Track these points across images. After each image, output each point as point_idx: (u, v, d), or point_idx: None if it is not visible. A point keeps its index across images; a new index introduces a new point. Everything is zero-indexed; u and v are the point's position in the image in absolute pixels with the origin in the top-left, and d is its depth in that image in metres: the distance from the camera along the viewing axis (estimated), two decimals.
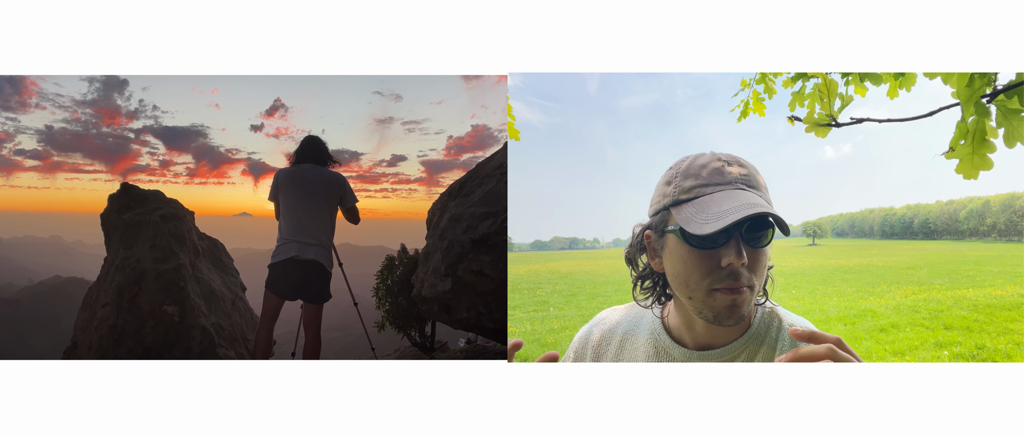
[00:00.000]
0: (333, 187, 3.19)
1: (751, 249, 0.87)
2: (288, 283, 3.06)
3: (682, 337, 1.02)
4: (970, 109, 1.04)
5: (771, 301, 1.01)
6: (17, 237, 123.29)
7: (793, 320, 1.00)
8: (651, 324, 1.07)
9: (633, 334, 1.08)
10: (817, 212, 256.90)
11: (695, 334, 0.99)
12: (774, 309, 1.00)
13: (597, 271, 23.30)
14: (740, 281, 0.87)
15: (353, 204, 3.28)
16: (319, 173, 3.21)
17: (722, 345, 0.98)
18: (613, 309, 1.17)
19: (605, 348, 1.10)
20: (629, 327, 1.10)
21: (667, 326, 1.04)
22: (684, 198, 0.91)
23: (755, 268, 0.88)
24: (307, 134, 3.39)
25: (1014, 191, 59.75)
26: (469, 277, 3.48)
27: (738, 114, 1.93)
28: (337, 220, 3.37)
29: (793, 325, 0.98)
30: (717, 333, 0.97)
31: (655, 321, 1.06)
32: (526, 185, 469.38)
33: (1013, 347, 6.01)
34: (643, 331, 1.07)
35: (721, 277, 0.87)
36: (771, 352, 0.97)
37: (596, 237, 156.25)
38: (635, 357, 1.06)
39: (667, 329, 1.04)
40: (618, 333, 1.10)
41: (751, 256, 0.87)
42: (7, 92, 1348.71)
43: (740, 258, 0.86)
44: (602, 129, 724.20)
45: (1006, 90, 1.01)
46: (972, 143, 1.06)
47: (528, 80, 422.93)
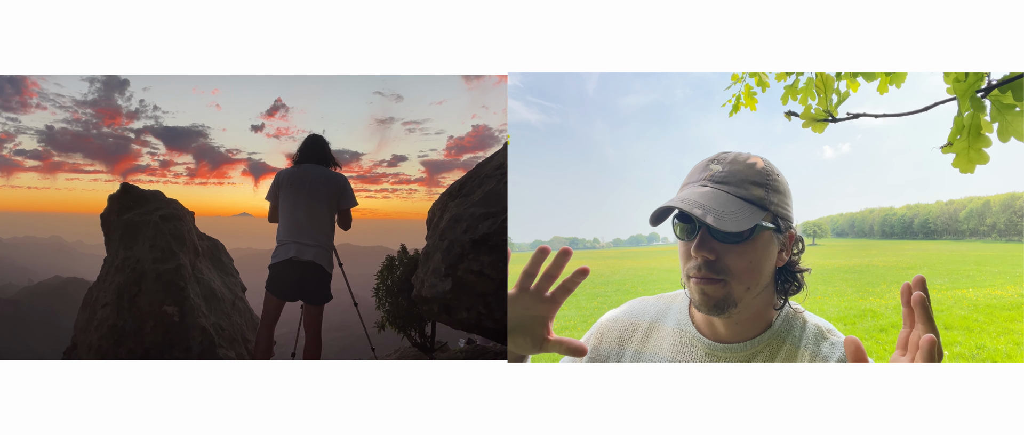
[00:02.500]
0: (333, 187, 3.15)
1: (723, 245, 0.92)
2: (287, 284, 3.05)
3: (704, 329, 1.05)
4: (966, 104, 1.04)
5: (796, 303, 1.03)
6: (17, 237, 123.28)
7: (818, 322, 1.02)
8: (678, 315, 1.10)
9: (660, 323, 1.12)
10: (817, 212, 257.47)
11: (715, 327, 1.02)
12: (800, 310, 1.03)
13: (597, 271, 23.29)
14: (709, 273, 0.92)
15: (350, 207, 3.23)
16: (321, 173, 3.17)
17: (742, 340, 1.00)
18: (643, 299, 1.21)
19: (630, 333, 1.14)
20: (657, 316, 1.14)
21: (693, 317, 1.08)
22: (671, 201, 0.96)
23: (732, 263, 0.92)
24: (309, 133, 3.36)
25: (1014, 191, 59.79)
26: (469, 277, 3.48)
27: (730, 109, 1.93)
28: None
29: (819, 326, 1.01)
30: (736, 328, 1.00)
31: (682, 312, 1.10)
32: (526, 185, 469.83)
33: (1013, 347, 6.01)
34: (670, 321, 1.11)
35: (694, 266, 0.93)
36: (793, 350, 0.98)
37: (596, 237, 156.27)
38: (660, 345, 1.09)
39: (693, 320, 1.07)
40: (646, 320, 1.14)
41: (723, 251, 0.91)
42: (8, 92, 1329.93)
43: (700, 250, 0.92)
44: (601, 129, 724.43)
45: (1000, 85, 1.02)
46: (967, 138, 1.07)
47: (527, 80, 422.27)
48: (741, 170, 0.95)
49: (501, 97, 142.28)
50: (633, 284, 16.32)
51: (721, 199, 0.92)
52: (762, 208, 0.93)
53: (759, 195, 0.94)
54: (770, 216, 0.94)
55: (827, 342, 0.98)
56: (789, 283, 0.99)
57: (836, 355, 0.96)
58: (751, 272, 0.93)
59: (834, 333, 1.00)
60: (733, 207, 0.91)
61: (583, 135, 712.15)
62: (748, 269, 0.92)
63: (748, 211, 0.91)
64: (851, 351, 0.77)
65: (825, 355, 0.97)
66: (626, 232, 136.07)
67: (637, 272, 21.14)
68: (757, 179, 0.95)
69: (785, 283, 0.99)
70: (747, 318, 0.98)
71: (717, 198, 0.92)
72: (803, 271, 1.00)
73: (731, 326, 1.00)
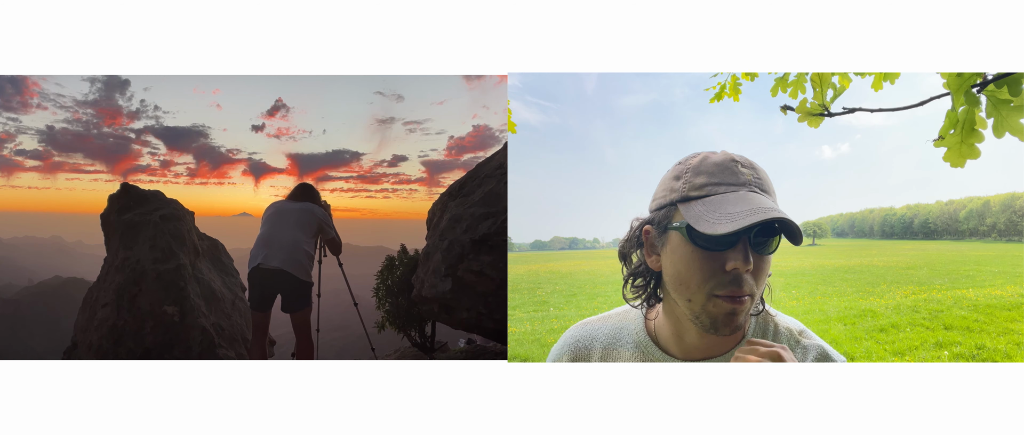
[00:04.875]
0: (308, 214, 3.40)
1: (756, 255, 0.84)
2: (260, 294, 3.20)
3: (670, 347, 0.96)
4: (960, 99, 1.04)
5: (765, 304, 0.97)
6: (17, 237, 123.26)
7: (788, 322, 0.98)
8: (634, 335, 1.00)
9: (615, 347, 1.01)
10: (817, 212, 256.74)
11: (685, 344, 0.94)
12: (769, 313, 0.98)
13: (597, 271, 23.28)
14: (743, 288, 0.83)
15: (331, 236, 3.54)
16: (300, 204, 3.45)
17: (716, 356, 0.93)
18: (582, 323, 1.07)
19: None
20: (609, 340, 1.02)
21: (653, 334, 0.98)
22: (694, 195, 0.87)
23: (758, 276, 0.85)
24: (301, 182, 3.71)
25: (1014, 191, 59.78)
26: (469, 277, 3.49)
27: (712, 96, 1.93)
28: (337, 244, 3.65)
29: (790, 328, 0.96)
30: (711, 343, 0.92)
31: (639, 331, 0.99)
32: (526, 185, 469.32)
33: (1013, 347, 6.01)
34: (626, 343, 1.00)
35: (723, 282, 0.83)
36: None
37: (596, 237, 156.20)
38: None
39: (654, 338, 0.98)
40: (597, 347, 1.02)
41: (756, 263, 0.84)
42: (8, 92, 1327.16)
43: (747, 264, 0.82)
44: (600, 129, 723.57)
45: (995, 80, 1.02)
46: (961, 133, 1.06)
47: (526, 80, 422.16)
48: (765, 177, 0.89)
49: (501, 97, 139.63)
50: None
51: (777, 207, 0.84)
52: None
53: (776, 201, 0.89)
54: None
55: (800, 346, 0.94)
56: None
57: (810, 356, 0.92)
58: (763, 283, 0.88)
59: (806, 334, 0.96)
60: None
61: (582, 135, 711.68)
62: (763, 280, 0.87)
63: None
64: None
65: (799, 358, 0.93)
66: (625, 232, 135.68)
67: None
68: (772, 186, 0.91)
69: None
70: None
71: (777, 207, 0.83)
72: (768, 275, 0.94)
73: (710, 340, 0.92)
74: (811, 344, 0.94)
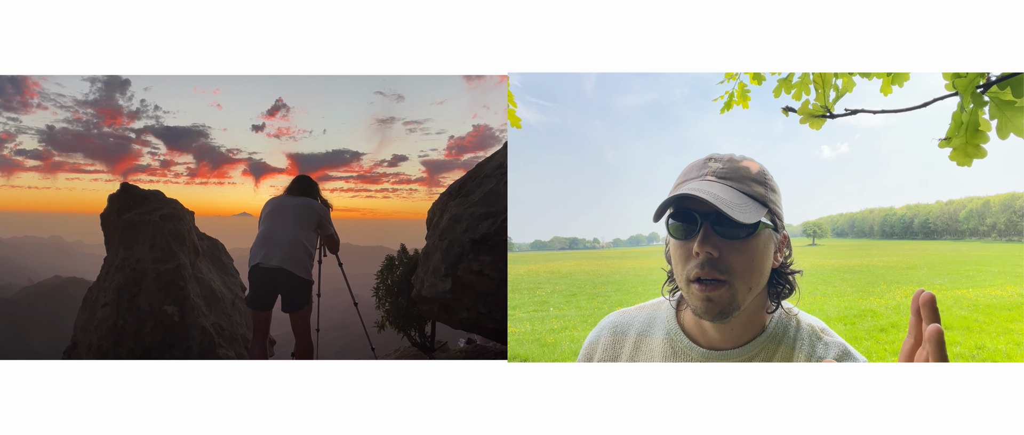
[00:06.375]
0: (307, 210, 3.36)
1: (725, 241, 0.89)
2: (259, 293, 3.18)
3: (696, 337, 1.01)
4: (967, 100, 1.04)
5: (789, 304, 1.01)
6: (17, 237, 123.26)
7: (810, 320, 1.01)
8: (665, 324, 1.06)
9: (647, 335, 1.07)
10: (817, 212, 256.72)
11: (707, 334, 0.99)
12: (793, 311, 1.01)
13: (597, 271, 23.29)
14: (714, 273, 0.88)
15: (330, 233, 3.50)
16: (300, 200, 3.41)
17: (737, 346, 0.98)
18: (621, 312, 1.14)
19: (618, 351, 1.09)
20: (642, 328, 1.08)
21: (682, 325, 1.04)
22: (671, 193, 0.94)
23: (734, 262, 0.89)
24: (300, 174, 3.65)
25: (1014, 191, 59.79)
26: (469, 277, 3.49)
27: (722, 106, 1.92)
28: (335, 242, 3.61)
29: (812, 325, 1.00)
30: (730, 333, 0.97)
31: (670, 320, 1.05)
32: (526, 185, 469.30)
33: (1013, 347, 6.01)
34: (658, 331, 1.06)
35: (695, 267, 0.90)
36: (789, 352, 0.97)
37: (596, 237, 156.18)
38: (651, 358, 1.05)
39: (683, 328, 1.03)
40: (631, 335, 1.09)
41: (725, 248, 0.88)
42: (9, 92, 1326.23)
43: (705, 245, 0.88)
44: (600, 129, 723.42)
45: (999, 81, 1.02)
46: (965, 134, 1.07)
47: (525, 80, 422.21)
48: (740, 168, 0.94)
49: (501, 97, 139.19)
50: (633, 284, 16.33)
51: (728, 192, 0.90)
52: (763, 205, 0.93)
53: (760, 192, 0.93)
54: (769, 214, 0.93)
55: (822, 342, 0.97)
56: (782, 285, 0.98)
57: (831, 355, 0.95)
58: (753, 271, 0.91)
59: (828, 333, 0.99)
60: (740, 200, 0.90)
61: (582, 135, 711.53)
62: (750, 268, 0.90)
63: (753, 206, 0.91)
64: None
65: (820, 355, 0.96)
66: (626, 232, 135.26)
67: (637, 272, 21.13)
68: (756, 177, 0.94)
69: (778, 285, 0.98)
70: (741, 322, 0.97)
71: (725, 191, 0.90)
72: (795, 273, 0.98)
73: (726, 331, 0.97)
74: (833, 342, 0.97)
